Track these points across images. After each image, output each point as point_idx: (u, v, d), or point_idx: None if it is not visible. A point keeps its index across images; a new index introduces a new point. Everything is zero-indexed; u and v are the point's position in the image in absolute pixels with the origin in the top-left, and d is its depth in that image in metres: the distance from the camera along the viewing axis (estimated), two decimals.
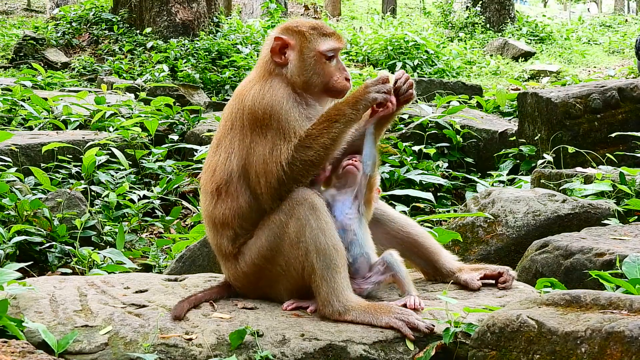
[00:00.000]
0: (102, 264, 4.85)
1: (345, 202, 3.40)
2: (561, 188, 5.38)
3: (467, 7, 24.33)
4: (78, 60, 15.87)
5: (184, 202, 6.68)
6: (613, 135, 6.60)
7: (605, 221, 4.68)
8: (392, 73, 3.48)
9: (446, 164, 7.21)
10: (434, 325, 3.09)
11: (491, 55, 20.39)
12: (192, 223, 6.08)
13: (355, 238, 3.37)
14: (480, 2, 24.10)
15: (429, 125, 7.52)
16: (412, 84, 3.40)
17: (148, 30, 16.44)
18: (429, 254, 3.67)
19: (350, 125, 3.29)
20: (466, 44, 21.54)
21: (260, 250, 3.30)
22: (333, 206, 3.39)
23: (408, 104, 3.46)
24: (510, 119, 8.91)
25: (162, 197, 6.60)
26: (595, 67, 19.96)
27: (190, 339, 3.01)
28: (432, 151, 7.20)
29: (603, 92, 6.94)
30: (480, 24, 23.67)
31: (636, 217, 4.83)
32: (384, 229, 3.59)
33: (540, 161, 6.61)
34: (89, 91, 10.10)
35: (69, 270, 4.91)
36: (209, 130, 7.97)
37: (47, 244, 5.11)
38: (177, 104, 9.52)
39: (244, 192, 3.32)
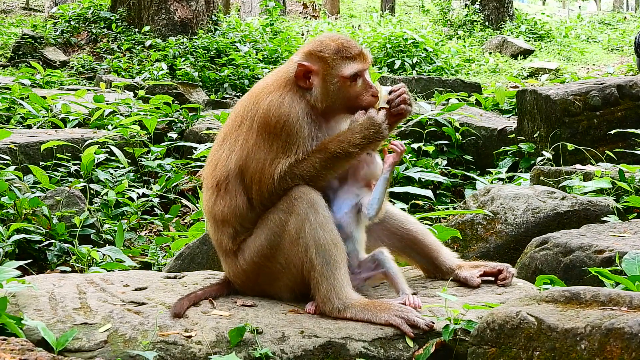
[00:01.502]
0: (101, 261, 4.85)
1: (347, 203, 3.39)
2: (560, 185, 5.38)
3: (465, 4, 24.31)
4: (77, 58, 15.86)
5: (183, 200, 6.68)
6: (612, 132, 6.59)
7: (605, 218, 4.67)
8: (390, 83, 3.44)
9: (445, 162, 7.21)
10: (433, 323, 3.09)
11: (490, 53, 20.39)
12: (191, 221, 6.08)
13: (349, 235, 3.36)
14: None
15: (428, 122, 7.52)
16: (406, 99, 3.34)
17: (147, 28, 16.44)
18: (428, 251, 3.66)
19: (352, 161, 3.30)
20: (465, 41, 21.55)
21: (259, 248, 3.30)
22: (333, 201, 3.38)
23: (402, 117, 3.41)
24: (509, 117, 8.91)
25: (161, 195, 6.60)
26: (594, 64, 19.96)
27: (190, 337, 3.01)
28: (431, 149, 7.20)
29: (602, 90, 6.93)
30: (479, 21, 23.66)
31: (635, 214, 4.83)
32: (384, 226, 3.57)
33: (539, 158, 6.61)
34: (88, 89, 10.11)
35: (68, 268, 4.92)
36: (208, 128, 7.97)
37: (46, 242, 5.11)
38: (176, 102, 9.52)
39: (241, 192, 3.32)
